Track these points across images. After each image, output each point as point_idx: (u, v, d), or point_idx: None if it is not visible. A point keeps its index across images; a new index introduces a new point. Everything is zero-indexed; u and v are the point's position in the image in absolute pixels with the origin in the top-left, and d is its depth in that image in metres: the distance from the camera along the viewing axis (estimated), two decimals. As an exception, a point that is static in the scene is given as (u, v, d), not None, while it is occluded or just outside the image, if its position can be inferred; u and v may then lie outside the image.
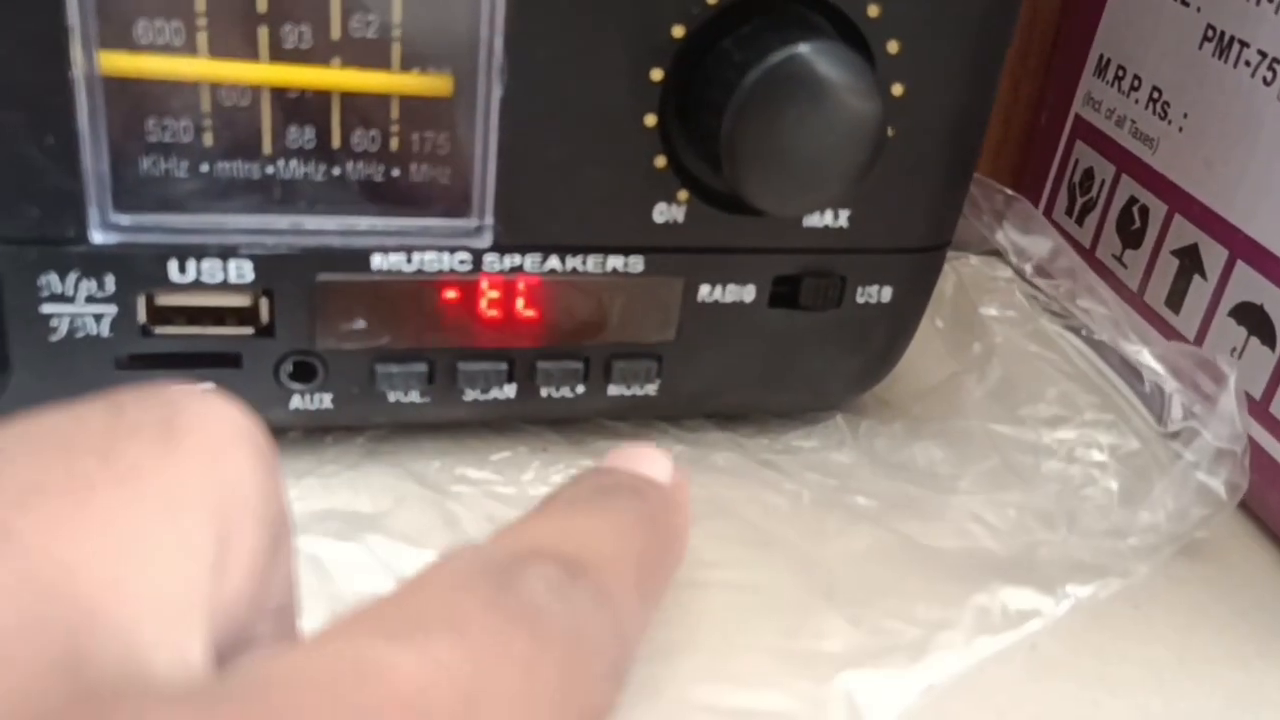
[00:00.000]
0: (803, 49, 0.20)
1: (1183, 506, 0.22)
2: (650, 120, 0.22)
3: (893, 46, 0.23)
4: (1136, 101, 0.31)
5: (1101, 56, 0.33)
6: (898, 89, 0.23)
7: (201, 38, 0.20)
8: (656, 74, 0.22)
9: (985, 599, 0.20)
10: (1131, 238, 0.31)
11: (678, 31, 0.22)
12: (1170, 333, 0.29)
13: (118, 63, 0.20)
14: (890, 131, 0.23)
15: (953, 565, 0.21)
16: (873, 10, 0.22)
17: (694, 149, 0.22)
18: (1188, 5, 0.29)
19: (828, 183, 0.22)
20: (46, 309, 0.21)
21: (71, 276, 0.21)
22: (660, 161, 0.23)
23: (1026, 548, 0.22)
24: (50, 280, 0.21)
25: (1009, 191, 0.29)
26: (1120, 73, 0.32)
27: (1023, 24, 0.36)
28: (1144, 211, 0.30)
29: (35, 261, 0.21)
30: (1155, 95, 0.30)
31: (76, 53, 0.20)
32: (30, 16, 0.19)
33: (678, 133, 0.22)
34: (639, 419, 0.27)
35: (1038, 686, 0.20)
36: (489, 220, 0.23)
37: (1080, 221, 0.33)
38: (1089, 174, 0.33)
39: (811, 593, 0.21)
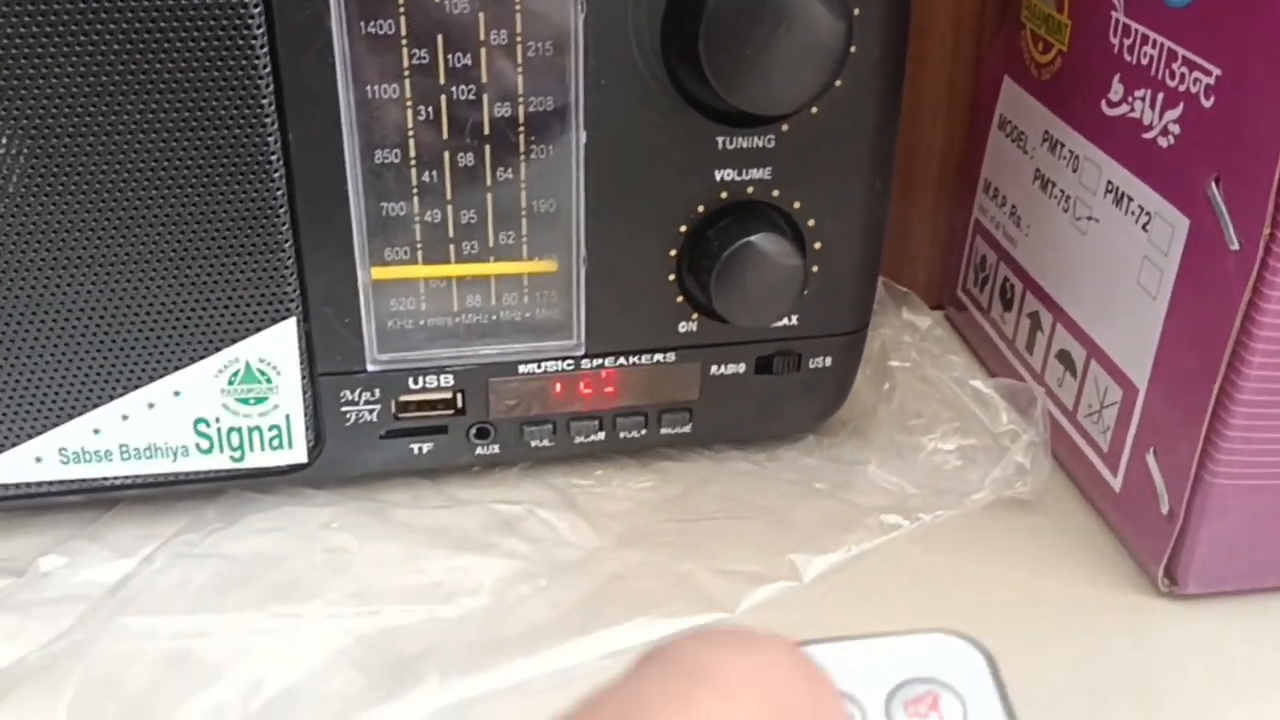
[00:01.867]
0: (754, 239, 0.36)
1: (1006, 476, 0.38)
2: (671, 277, 0.38)
3: (811, 222, 0.38)
4: (1004, 213, 0.46)
5: (986, 180, 0.48)
6: (818, 245, 0.39)
7: (419, 254, 0.37)
8: (672, 252, 0.38)
9: (876, 519, 0.37)
10: (1007, 304, 0.46)
11: (683, 229, 0.38)
12: (1027, 366, 0.44)
13: (379, 274, 0.37)
14: (815, 268, 0.39)
15: (865, 510, 0.38)
16: (796, 205, 0.38)
17: (698, 291, 0.38)
18: (1027, 154, 0.44)
19: (775, 306, 0.38)
20: (344, 408, 0.38)
21: (358, 390, 0.38)
22: (679, 299, 0.39)
23: (905, 497, 0.38)
24: (346, 393, 0.38)
25: (903, 288, 0.45)
26: (995, 192, 0.47)
27: (936, 157, 0.51)
28: (1012, 287, 0.46)
29: (338, 383, 0.38)
30: (1013, 210, 0.46)
31: (361, 270, 0.36)
32: (335, 248, 0.36)
33: (688, 282, 0.38)
34: (681, 447, 0.43)
35: (903, 564, 0.36)
36: (582, 340, 0.39)
37: (980, 290, 0.49)
38: (984, 259, 0.48)
39: (780, 530, 0.37)
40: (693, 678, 0.13)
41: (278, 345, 0.36)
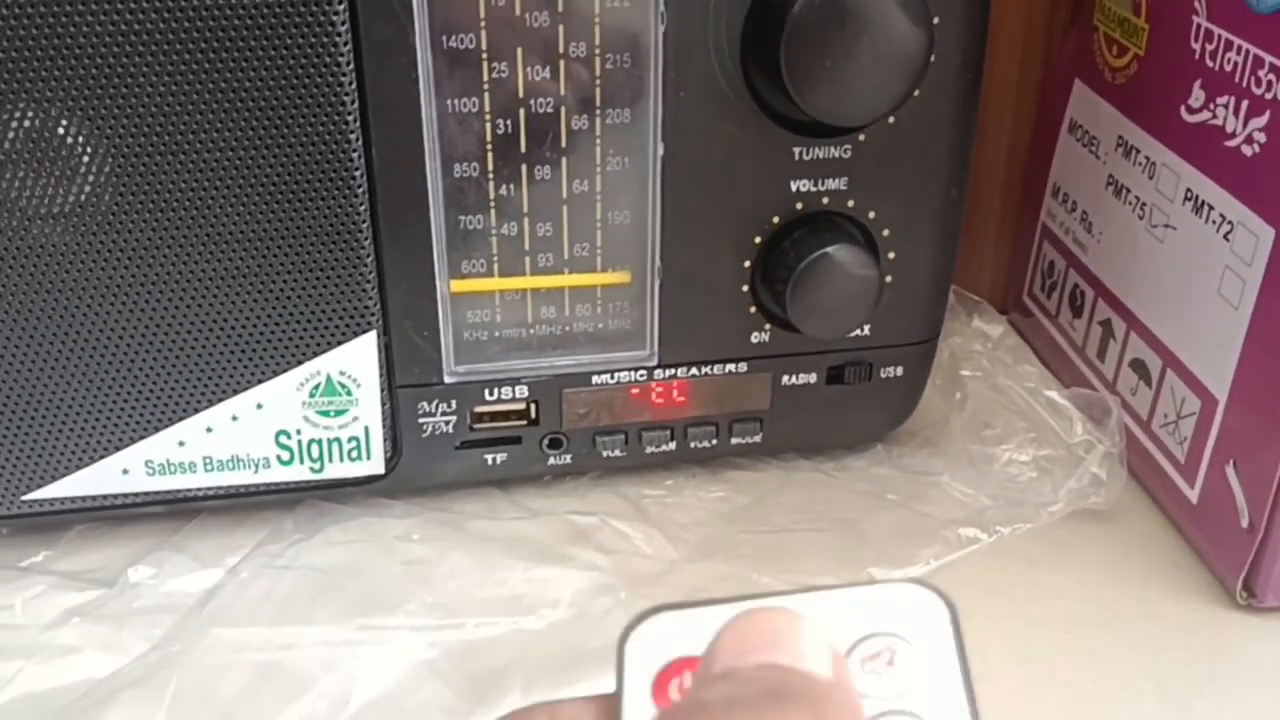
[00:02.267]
0: (831, 250, 0.36)
1: (1081, 487, 0.38)
2: (745, 288, 0.38)
3: (886, 232, 0.38)
4: (1074, 218, 0.46)
5: (1055, 185, 0.48)
6: (892, 255, 0.39)
7: (496, 267, 0.37)
8: (746, 262, 0.38)
9: (953, 532, 0.36)
10: (1077, 310, 0.46)
11: (758, 239, 0.38)
12: (1097, 374, 0.44)
13: (457, 286, 0.37)
14: (889, 278, 0.39)
15: (941, 522, 0.37)
16: (871, 215, 0.38)
17: (772, 302, 0.38)
18: (1099, 159, 0.44)
19: (850, 317, 0.38)
20: (421, 420, 0.38)
21: (435, 401, 0.38)
22: (752, 309, 0.39)
23: (980, 509, 0.38)
24: (423, 404, 0.38)
25: (975, 297, 0.45)
26: (1065, 197, 0.47)
27: (1003, 160, 0.51)
28: (1082, 294, 0.45)
29: (416, 395, 0.38)
30: (1084, 216, 0.45)
31: (440, 283, 0.37)
32: (415, 261, 0.36)
33: (762, 293, 0.38)
34: (751, 456, 0.43)
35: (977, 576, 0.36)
36: (655, 351, 0.39)
37: (1048, 296, 0.48)
38: (1051, 265, 0.48)
39: (856, 542, 0.37)
40: None
41: (358, 358, 0.36)
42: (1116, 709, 0.33)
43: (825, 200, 0.37)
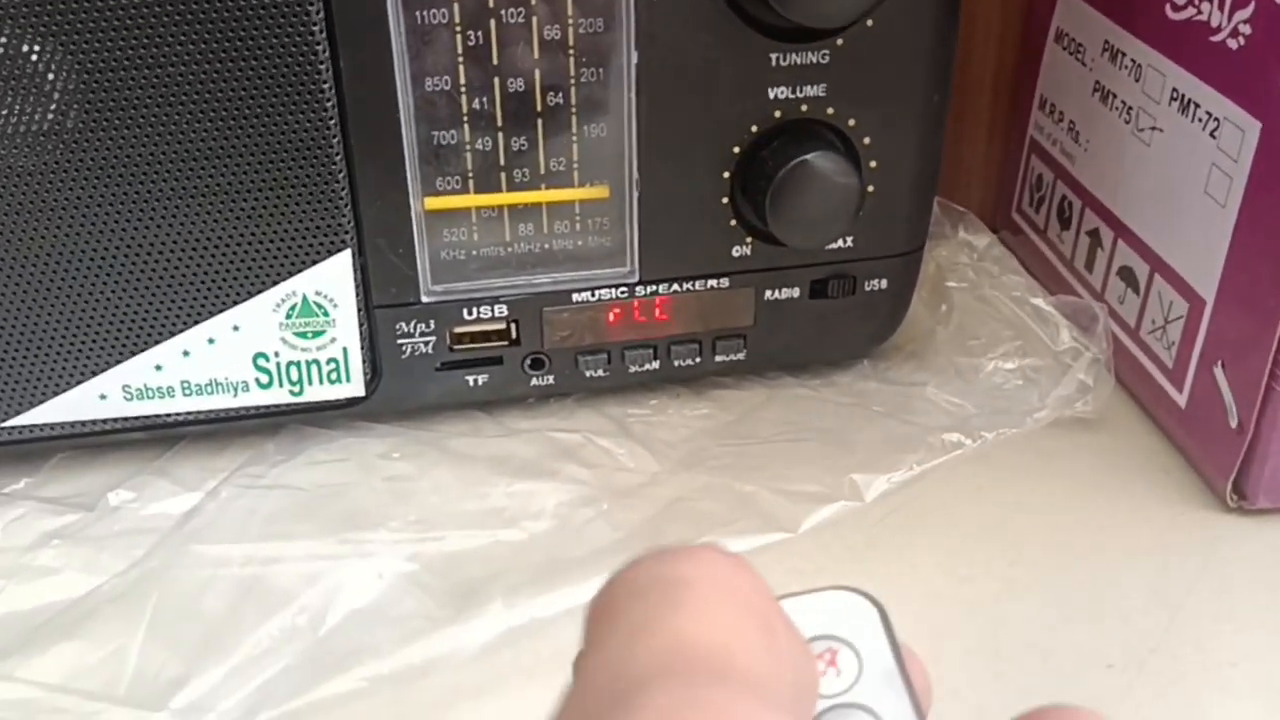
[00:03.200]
0: (810, 158, 0.36)
1: (1068, 394, 0.37)
2: (725, 200, 0.38)
3: (866, 140, 0.38)
4: (1062, 129, 0.45)
5: (1042, 96, 0.47)
6: (874, 164, 0.38)
7: (471, 183, 0.37)
8: (725, 174, 0.37)
9: (938, 438, 0.36)
10: (1065, 222, 0.45)
11: (736, 150, 0.37)
12: (1086, 285, 0.43)
13: (431, 204, 0.37)
14: (871, 187, 0.38)
15: (926, 429, 0.37)
16: (851, 122, 0.37)
17: (752, 214, 0.38)
18: (1086, 66, 0.43)
19: (831, 227, 0.37)
20: (400, 341, 0.38)
21: (413, 322, 0.38)
22: (733, 223, 0.38)
23: (965, 417, 0.37)
24: (401, 325, 0.38)
25: (959, 208, 0.44)
26: (1052, 108, 0.46)
27: (990, 74, 0.50)
28: (1070, 205, 0.45)
29: (393, 315, 0.38)
30: (1071, 126, 0.44)
31: (414, 200, 0.36)
32: (388, 178, 0.36)
33: (742, 205, 0.38)
34: (736, 374, 0.42)
35: (965, 483, 0.36)
36: (636, 267, 0.39)
37: (1037, 210, 0.48)
38: (1040, 178, 0.47)
39: (840, 451, 0.37)
40: (675, 585, 0.16)
41: (334, 278, 0.36)
42: (1103, 608, 0.33)
43: (804, 108, 0.37)
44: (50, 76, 0.31)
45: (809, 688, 0.17)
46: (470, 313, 0.38)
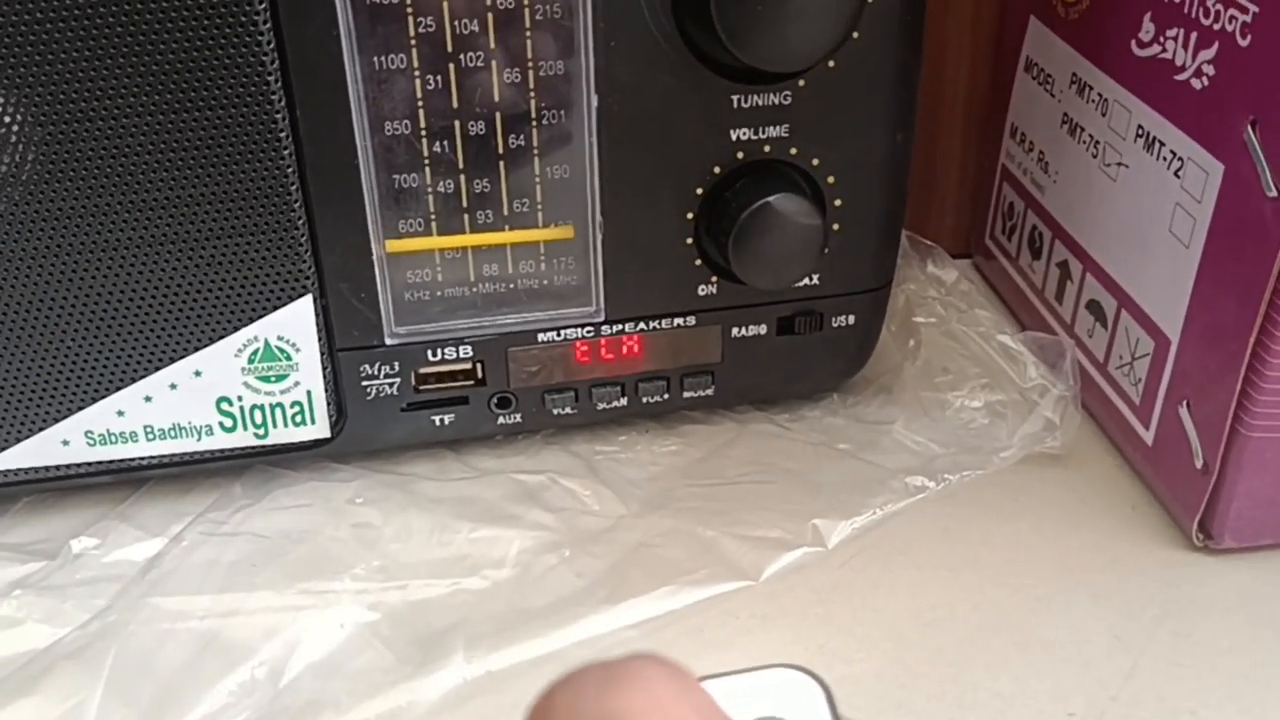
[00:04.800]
0: (773, 199, 0.36)
1: (1035, 431, 0.37)
2: (689, 241, 0.38)
3: (831, 179, 0.37)
4: (1032, 159, 0.45)
5: (1013, 125, 0.47)
6: (838, 202, 0.38)
7: (434, 225, 0.36)
8: (689, 214, 0.37)
9: (901, 481, 0.36)
10: (1036, 252, 0.45)
11: (699, 191, 0.37)
12: (1057, 317, 0.43)
13: (393, 246, 0.36)
14: (836, 226, 0.38)
15: (891, 471, 0.37)
16: (815, 162, 0.37)
17: (716, 254, 0.38)
18: (1054, 97, 0.43)
19: (795, 268, 0.37)
20: (364, 382, 0.38)
21: (377, 364, 0.38)
22: (698, 262, 0.38)
23: (931, 457, 0.37)
24: (365, 367, 0.38)
25: (927, 242, 0.44)
26: (1023, 137, 0.46)
27: (961, 102, 0.50)
28: (1040, 235, 0.45)
29: (357, 358, 0.38)
30: (1040, 156, 0.44)
31: (375, 244, 0.36)
32: (348, 222, 0.36)
33: (707, 245, 0.38)
34: (705, 409, 0.42)
35: (931, 524, 0.36)
36: (601, 306, 0.38)
37: (1009, 238, 0.47)
38: (1011, 206, 0.47)
39: (804, 493, 0.37)
40: None
41: (296, 322, 0.36)
42: (1067, 652, 0.33)
43: (767, 148, 0.37)
44: (7, 120, 0.31)
45: None
46: (435, 354, 0.38)
